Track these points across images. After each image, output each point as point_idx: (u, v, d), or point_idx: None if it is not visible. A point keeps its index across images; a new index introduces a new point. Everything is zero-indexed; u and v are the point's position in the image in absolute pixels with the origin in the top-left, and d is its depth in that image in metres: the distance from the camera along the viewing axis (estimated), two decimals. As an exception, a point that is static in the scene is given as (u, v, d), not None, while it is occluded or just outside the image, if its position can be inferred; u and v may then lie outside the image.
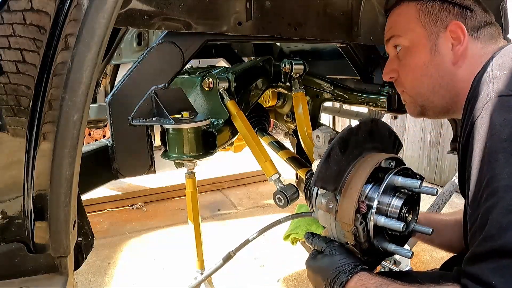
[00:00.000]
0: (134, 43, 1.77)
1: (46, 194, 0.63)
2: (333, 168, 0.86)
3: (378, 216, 0.84)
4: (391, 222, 0.83)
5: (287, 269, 2.50)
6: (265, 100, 1.60)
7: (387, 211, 0.86)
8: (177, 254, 2.68)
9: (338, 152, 0.86)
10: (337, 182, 0.87)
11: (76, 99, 0.59)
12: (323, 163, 0.85)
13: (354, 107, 1.99)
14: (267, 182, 4.23)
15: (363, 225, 0.85)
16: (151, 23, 0.84)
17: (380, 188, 0.85)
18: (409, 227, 0.91)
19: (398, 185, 0.86)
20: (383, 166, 0.90)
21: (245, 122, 1.10)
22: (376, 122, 0.96)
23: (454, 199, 3.60)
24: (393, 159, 0.92)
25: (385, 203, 0.86)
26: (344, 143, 0.87)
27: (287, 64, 1.30)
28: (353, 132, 0.90)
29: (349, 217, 0.84)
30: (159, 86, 0.93)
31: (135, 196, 3.57)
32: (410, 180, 0.86)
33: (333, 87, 1.48)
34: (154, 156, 0.97)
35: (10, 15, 0.56)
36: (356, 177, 0.86)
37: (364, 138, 0.92)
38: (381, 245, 0.88)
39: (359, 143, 0.91)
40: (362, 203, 0.84)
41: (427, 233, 0.89)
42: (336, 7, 1.17)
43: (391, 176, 0.87)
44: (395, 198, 0.87)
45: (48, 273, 0.66)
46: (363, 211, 0.85)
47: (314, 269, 0.93)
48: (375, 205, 0.85)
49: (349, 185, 0.86)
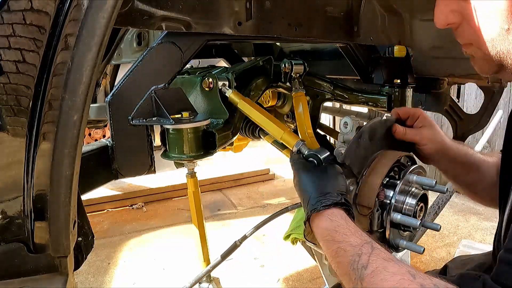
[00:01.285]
0: (134, 43, 1.77)
1: (46, 194, 0.63)
2: (361, 152, 0.89)
3: (394, 213, 0.87)
4: (407, 219, 0.86)
5: (287, 269, 2.50)
6: (265, 100, 1.59)
7: (403, 206, 0.89)
8: (177, 254, 2.68)
9: (367, 139, 0.90)
10: (361, 165, 0.89)
11: (76, 99, 0.59)
12: (354, 143, 0.88)
13: (354, 107, 1.99)
14: (267, 182, 4.23)
15: (379, 213, 0.88)
16: (151, 23, 0.84)
17: (399, 183, 0.88)
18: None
19: (414, 182, 0.90)
20: (402, 162, 0.94)
21: (253, 105, 1.10)
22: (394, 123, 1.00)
23: (454, 199, 3.60)
24: (410, 158, 0.97)
25: (401, 198, 0.89)
26: (373, 132, 0.92)
27: (287, 64, 1.29)
28: (381, 124, 0.95)
29: (369, 201, 0.86)
30: (159, 86, 0.93)
31: (135, 196, 3.57)
32: (425, 179, 0.89)
33: (333, 87, 1.48)
34: (154, 156, 0.97)
35: (10, 15, 0.56)
36: (380, 164, 0.90)
37: (387, 135, 0.96)
38: (394, 241, 0.91)
39: (382, 137, 0.95)
40: (382, 190, 0.88)
41: (435, 229, 0.91)
42: (336, 7, 1.17)
43: (408, 173, 0.90)
44: (410, 195, 0.89)
45: (48, 273, 0.66)
46: (381, 199, 0.88)
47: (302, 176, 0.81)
48: (394, 199, 0.87)
49: (373, 171, 0.89)
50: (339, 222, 0.70)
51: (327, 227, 0.70)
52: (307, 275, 2.44)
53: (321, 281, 2.26)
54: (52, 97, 0.59)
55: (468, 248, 2.49)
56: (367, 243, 0.67)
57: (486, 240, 2.88)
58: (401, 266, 0.62)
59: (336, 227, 0.70)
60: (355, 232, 0.69)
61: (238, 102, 1.09)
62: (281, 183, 4.15)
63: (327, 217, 0.71)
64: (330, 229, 0.70)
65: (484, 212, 3.38)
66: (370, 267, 0.62)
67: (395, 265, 0.62)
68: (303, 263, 2.52)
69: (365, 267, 0.63)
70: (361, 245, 0.66)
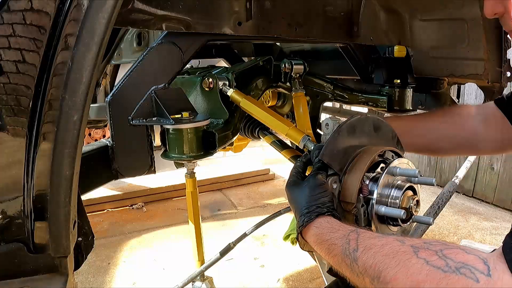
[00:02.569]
0: (134, 43, 1.77)
1: (46, 194, 0.63)
2: (340, 148, 0.88)
3: (379, 205, 0.86)
4: (391, 210, 0.84)
5: (287, 269, 2.50)
6: (265, 100, 1.59)
7: (389, 199, 0.88)
8: (177, 254, 2.68)
9: (346, 135, 0.89)
10: (342, 162, 0.89)
11: (76, 99, 0.59)
12: (331, 139, 0.87)
13: (354, 107, 1.99)
14: (267, 182, 4.23)
15: (364, 208, 0.87)
16: (151, 23, 0.84)
17: (381, 176, 0.87)
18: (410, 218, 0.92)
19: (397, 174, 0.88)
20: (386, 157, 0.92)
21: (256, 103, 1.10)
22: (382, 121, 0.98)
23: (454, 199, 3.60)
24: (396, 154, 0.95)
25: (386, 191, 0.88)
26: (352, 129, 0.91)
27: (287, 64, 1.29)
28: (361, 122, 0.93)
29: (352, 196, 0.86)
30: (159, 86, 0.93)
31: (135, 196, 3.57)
32: (408, 170, 0.88)
33: (333, 87, 1.48)
34: (154, 156, 0.97)
35: (10, 15, 0.56)
36: (361, 160, 0.89)
37: (370, 131, 0.95)
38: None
39: (365, 134, 0.93)
40: (365, 185, 0.86)
41: (428, 223, 0.90)
42: (336, 7, 1.17)
43: (390, 166, 0.89)
44: (395, 188, 0.88)
45: (48, 273, 0.66)
46: (365, 194, 0.87)
47: (289, 198, 0.90)
48: (376, 192, 0.86)
49: (354, 167, 0.88)
50: (324, 225, 0.78)
51: (315, 233, 0.78)
52: (307, 275, 2.44)
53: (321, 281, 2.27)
54: (52, 97, 0.60)
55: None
56: (352, 231, 0.73)
57: (486, 240, 2.88)
58: (387, 237, 0.69)
59: (322, 230, 0.77)
60: (339, 227, 0.76)
61: (240, 101, 1.09)
62: (281, 183, 4.15)
63: (313, 226, 0.79)
64: (318, 234, 0.77)
65: (484, 212, 3.38)
66: (360, 248, 0.68)
67: (382, 238, 0.69)
68: (303, 263, 2.52)
69: (356, 249, 0.69)
70: (348, 234, 0.73)
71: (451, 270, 0.56)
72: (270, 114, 1.08)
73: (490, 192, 3.55)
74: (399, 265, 0.61)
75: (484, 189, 3.60)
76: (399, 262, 0.62)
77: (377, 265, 0.64)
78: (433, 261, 0.59)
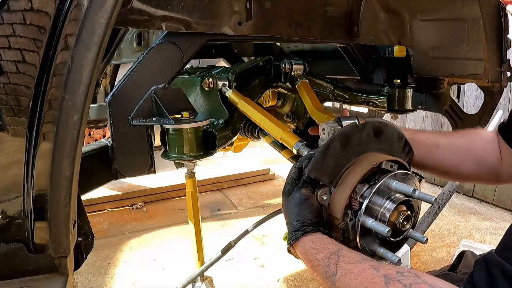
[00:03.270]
0: (134, 43, 1.77)
1: (46, 194, 0.63)
2: (331, 161, 0.85)
3: (367, 218, 0.83)
4: (377, 226, 0.81)
5: (287, 269, 2.50)
6: (265, 100, 1.60)
7: (378, 213, 0.84)
8: (177, 254, 2.68)
9: (338, 146, 0.86)
10: (333, 175, 0.86)
11: (76, 99, 0.59)
12: (320, 154, 0.84)
13: (354, 107, 1.99)
14: (267, 182, 4.23)
15: (353, 222, 0.84)
16: (151, 23, 0.84)
17: (373, 189, 0.83)
18: (404, 233, 0.89)
19: (392, 189, 0.84)
20: (384, 167, 0.87)
21: (253, 105, 1.10)
22: (385, 124, 0.93)
23: (454, 199, 3.60)
24: (396, 163, 0.89)
25: (377, 205, 0.84)
26: (346, 138, 0.86)
27: (287, 64, 1.29)
28: (357, 129, 0.88)
29: (338, 211, 0.84)
30: (159, 86, 0.93)
31: (135, 196, 3.57)
32: (403, 186, 0.83)
33: (333, 87, 1.48)
34: (154, 156, 0.97)
35: (10, 15, 0.56)
36: (351, 173, 0.85)
37: (369, 138, 0.90)
38: (370, 248, 0.87)
39: (363, 141, 0.89)
40: (355, 200, 0.84)
41: (421, 241, 0.87)
42: (336, 7, 1.17)
43: (386, 178, 0.84)
44: (388, 202, 0.84)
45: (48, 273, 0.66)
46: (355, 208, 0.84)
47: (284, 207, 0.91)
48: (364, 206, 0.83)
49: (344, 180, 0.85)
50: (308, 245, 0.81)
51: (301, 252, 0.82)
52: (307, 275, 2.44)
53: (321, 281, 2.26)
54: (52, 97, 0.59)
55: (468, 248, 2.49)
56: (333, 253, 0.76)
57: (486, 240, 2.88)
58: (364, 264, 0.71)
59: (307, 249, 0.81)
60: (322, 248, 0.79)
61: (238, 102, 1.09)
62: (281, 183, 4.15)
63: (299, 245, 0.82)
64: (303, 253, 0.81)
65: (484, 212, 3.38)
66: (338, 273, 0.72)
67: (359, 265, 0.71)
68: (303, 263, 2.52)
69: (335, 274, 0.72)
70: (329, 257, 0.76)
71: None
72: (267, 117, 1.08)
73: (490, 192, 3.55)
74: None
75: (484, 189, 3.59)
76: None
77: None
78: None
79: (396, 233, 0.86)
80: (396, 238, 0.87)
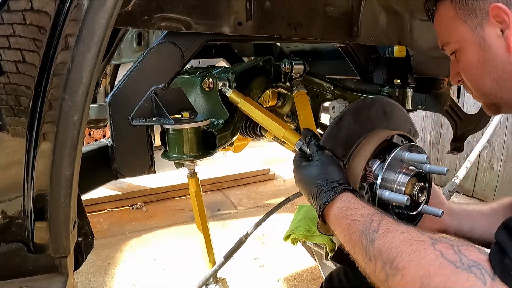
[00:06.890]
0: (134, 43, 1.77)
1: (46, 194, 0.63)
2: (344, 134, 0.85)
3: (383, 190, 0.83)
4: (395, 196, 0.81)
5: (287, 269, 2.50)
6: (265, 100, 1.60)
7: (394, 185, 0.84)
8: (177, 254, 2.68)
9: (351, 120, 0.86)
10: (346, 149, 0.86)
11: (76, 99, 0.59)
12: (334, 125, 0.84)
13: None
14: (267, 182, 4.23)
15: (369, 196, 0.84)
16: (151, 23, 0.84)
17: (386, 162, 0.83)
18: (418, 207, 0.89)
19: (405, 160, 0.84)
20: (395, 142, 0.88)
21: (253, 104, 1.10)
22: (395, 104, 0.94)
23: (454, 199, 3.60)
24: (406, 138, 0.90)
25: (391, 177, 0.84)
26: (358, 111, 0.88)
27: (287, 64, 1.30)
28: (366, 104, 0.89)
29: (354, 184, 0.83)
30: (159, 86, 0.93)
31: (135, 196, 3.56)
32: (417, 155, 0.83)
33: (333, 87, 1.48)
34: (154, 156, 0.97)
35: (10, 15, 0.56)
36: (365, 145, 0.86)
37: (378, 115, 0.91)
38: None
39: (372, 118, 0.90)
40: (369, 172, 0.83)
41: (436, 214, 0.86)
42: (336, 7, 1.17)
43: (398, 150, 0.84)
44: (401, 174, 0.84)
45: (48, 273, 0.66)
46: (370, 181, 0.84)
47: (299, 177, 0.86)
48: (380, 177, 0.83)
49: (358, 153, 0.85)
50: (350, 201, 0.76)
51: (340, 206, 0.76)
52: (307, 275, 2.44)
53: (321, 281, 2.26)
54: (52, 97, 0.59)
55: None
56: (377, 213, 0.73)
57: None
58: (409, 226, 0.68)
59: (348, 203, 0.76)
60: (366, 206, 0.75)
61: (238, 102, 1.09)
62: (281, 183, 4.15)
63: (340, 200, 0.77)
64: (342, 208, 0.76)
65: (484, 212, 3.38)
66: (380, 230, 0.68)
67: (403, 225, 0.69)
68: (303, 263, 2.52)
69: (376, 231, 0.69)
70: (372, 215, 0.72)
71: (463, 267, 0.57)
72: (268, 116, 1.08)
73: (490, 192, 3.55)
74: (415, 253, 0.62)
75: (484, 189, 3.59)
76: (415, 250, 0.62)
77: (393, 250, 0.64)
78: (448, 255, 0.59)
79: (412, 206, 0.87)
80: (413, 212, 0.87)
